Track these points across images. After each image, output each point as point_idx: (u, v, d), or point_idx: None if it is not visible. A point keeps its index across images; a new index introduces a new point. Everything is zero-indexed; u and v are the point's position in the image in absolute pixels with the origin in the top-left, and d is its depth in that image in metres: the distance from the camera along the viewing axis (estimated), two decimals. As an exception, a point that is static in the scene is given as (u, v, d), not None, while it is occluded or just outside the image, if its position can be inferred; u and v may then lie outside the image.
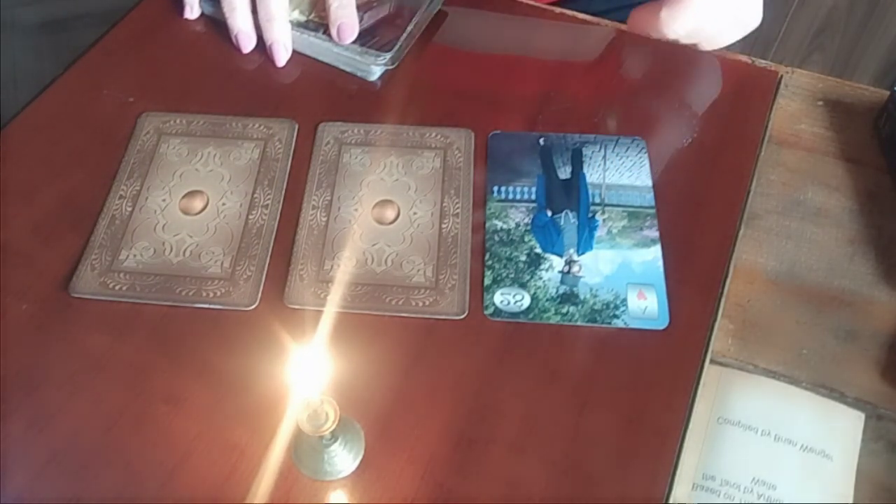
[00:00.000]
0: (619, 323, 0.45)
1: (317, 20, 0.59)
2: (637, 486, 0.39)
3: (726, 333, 0.46)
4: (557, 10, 0.61)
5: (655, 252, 0.47)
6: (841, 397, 0.44)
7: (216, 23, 0.60)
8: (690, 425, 0.41)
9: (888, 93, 0.54)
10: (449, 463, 0.40)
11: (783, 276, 0.48)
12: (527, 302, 0.45)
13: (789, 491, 0.41)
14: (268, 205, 0.50)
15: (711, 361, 0.44)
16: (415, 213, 0.49)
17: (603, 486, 0.39)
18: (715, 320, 0.45)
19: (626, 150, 0.52)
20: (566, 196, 0.50)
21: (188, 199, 0.50)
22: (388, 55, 0.57)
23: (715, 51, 0.58)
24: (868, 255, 0.49)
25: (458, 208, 0.49)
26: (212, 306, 0.45)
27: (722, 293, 0.46)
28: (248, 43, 0.58)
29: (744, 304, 0.47)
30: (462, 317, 0.45)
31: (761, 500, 0.41)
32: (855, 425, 0.43)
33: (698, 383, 0.43)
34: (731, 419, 0.43)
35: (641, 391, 0.42)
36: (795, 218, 0.51)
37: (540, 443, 0.41)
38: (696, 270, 0.47)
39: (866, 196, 0.51)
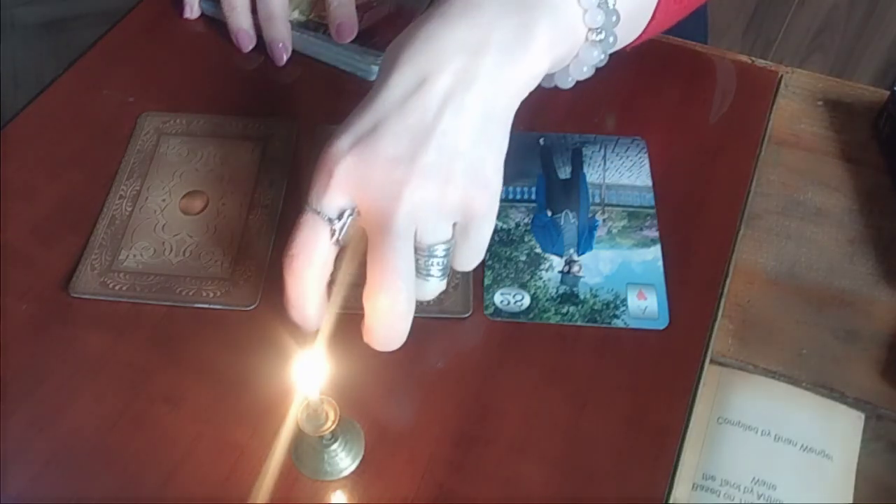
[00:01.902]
0: (619, 323, 0.45)
1: (317, 20, 0.59)
2: (637, 486, 0.39)
3: (726, 333, 0.46)
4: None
5: (655, 252, 0.47)
6: (841, 397, 0.44)
7: (216, 23, 0.60)
8: (690, 425, 0.41)
9: (888, 93, 0.54)
10: (449, 463, 0.40)
11: (783, 276, 0.48)
12: (527, 302, 0.45)
13: (789, 491, 0.41)
14: (268, 205, 0.50)
15: (711, 361, 0.44)
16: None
17: (603, 486, 0.39)
18: (715, 320, 0.45)
19: (626, 149, 0.52)
20: (566, 196, 0.50)
21: (188, 199, 0.50)
22: (388, 55, 0.57)
23: (715, 50, 0.59)
24: (868, 255, 0.49)
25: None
26: (212, 306, 0.45)
27: (722, 293, 0.46)
28: (248, 42, 0.58)
29: (744, 304, 0.47)
30: (467, 315, 0.45)
31: (761, 500, 0.41)
32: (855, 425, 0.43)
33: (698, 383, 0.43)
34: (731, 419, 0.43)
35: (641, 391, 0.42)
36: (795, 218, 0.51)
37: (540, 443, 0.41)
38: (696, 270, 0.47)
39: (866, 196, 0.51)
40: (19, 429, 0.41)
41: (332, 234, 0.39)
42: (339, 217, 0.39)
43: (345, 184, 0.38)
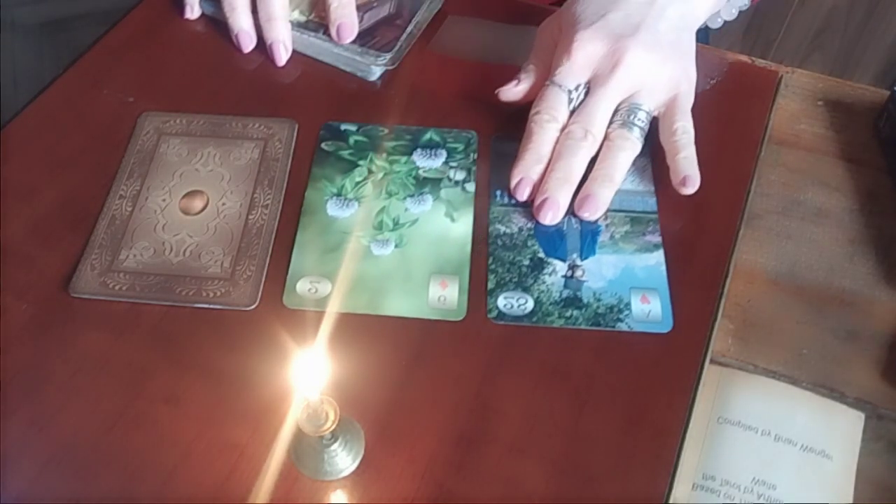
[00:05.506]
0: (622, 327, 0.44)
1: (317, 20, 0.59)
2: (637, 486, 0.39)
3: (726, 333, 0.46)
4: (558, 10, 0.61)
5: (658, 257, 0.47)
6: (841, 397, 0.44)
7: (216, 23, 0.60)
8: (690, 425, 0.41)
9: (888, 93, 0.54)
10: (449, 463, 0.40)
11: (783, 276, 0.48)
12: (530, 305, 0.45)
13: (789, 491, 0.41)
14: (268, 205, 0.50)
15: (711, 361, 0.44)
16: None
17: (603, 486, 0.39)
18: (715, 320, 0.45)
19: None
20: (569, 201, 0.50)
21: (188, 199, 0.50)
22: (388, 55, 0.57)
23: (715, 50, 0.59)
24: (868, 255, 0.49)
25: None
26: (212, 306, 0.45)
27: (722, 293, 0.46)
28: (248, 42, 0.58)
29: (744, 304, 0.47)
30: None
31: (761, 500, 0.41)
32: (855, 425, 0.43)
33: (698, 383, 0.43)
34: (731, 419, 0.43)
35: (642, 391, 0.42)
36: (795, 218, 0.51)
37: (540, 443, 0.41)
38: (696, 271, 0.47)
39: (866, 196, 0.51)
40: (19, 429, 0.41)
41: (570, 102, 0.50)
42: (576, 89, 0.50)
43: (582, 63, 0.50)
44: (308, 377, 0.36)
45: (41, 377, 0.43)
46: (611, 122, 0.50)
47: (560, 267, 0.47)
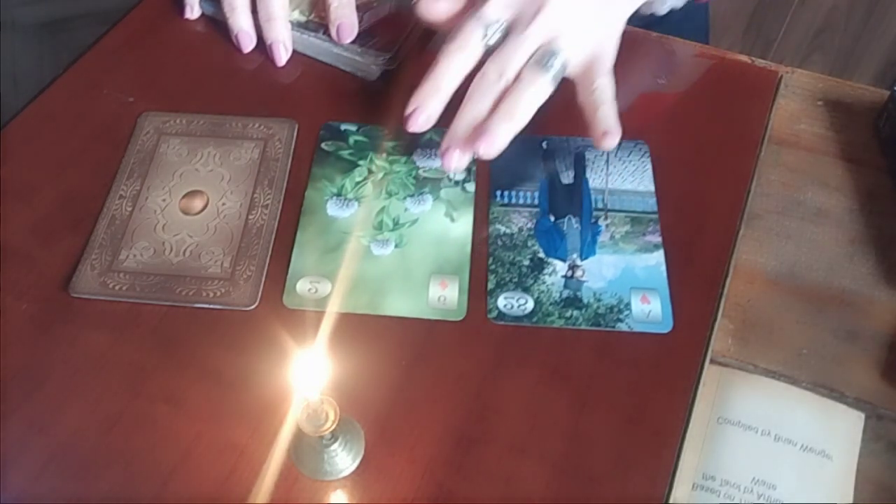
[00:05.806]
0: (623, 327, 0.44)
1: (317, 20, 0.59)
2: (637, 486, 0.39)
3: (726, 333, 0.46)
4: None
5: (658, 257, 0.47)
6: (841, 397, 0.44)
7: (216, 23, 0.60)
8: (690, 425, 0.41)
9: (888, 93, 0.54)
10: (449, 463, 0.40)
11: (783, 276, 0.48)
12: (530, 306, 0.45)
13: (789, 491, 0.41)
14: (268, 205, 0.50)
15: (711, 361, 0.44)
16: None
17: (603, 486, 0.40)
18: (715, 320, 0.45)
19: (629, 154, 0.52)
20: (569, 201, 0.50)
21: (188, 199, 0.50)
22: (388, 55, 0.57)
23: (715, 50, 0.59)
24: (868, 255, 0.49)
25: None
26: (212, 306, 0.45)
27: (722, 293, 0.46)
28: (248, 42, 0.58)
29: (744, 304, 0.47)
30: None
31: (761, 500, 0.41)
32: (855, 425, 0.43)
33: (698, 383, 0.43)
34: (731, 419, 0.43)
35: (642, 391, 0.42)
36: (795, 218, 0.51)
37: (540, 443, 0.41)
38: (697, 271, 0.47)
39: (866, 196, 0.51)
40: (19, 429, 0.41)
41: (485, 38, 0.48)
42: (495, 24, 0.48)
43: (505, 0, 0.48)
44: (308, 377, 0.36)
45: (41, 377, 0.43)
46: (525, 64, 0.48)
47: (560, 267, 0.47)
